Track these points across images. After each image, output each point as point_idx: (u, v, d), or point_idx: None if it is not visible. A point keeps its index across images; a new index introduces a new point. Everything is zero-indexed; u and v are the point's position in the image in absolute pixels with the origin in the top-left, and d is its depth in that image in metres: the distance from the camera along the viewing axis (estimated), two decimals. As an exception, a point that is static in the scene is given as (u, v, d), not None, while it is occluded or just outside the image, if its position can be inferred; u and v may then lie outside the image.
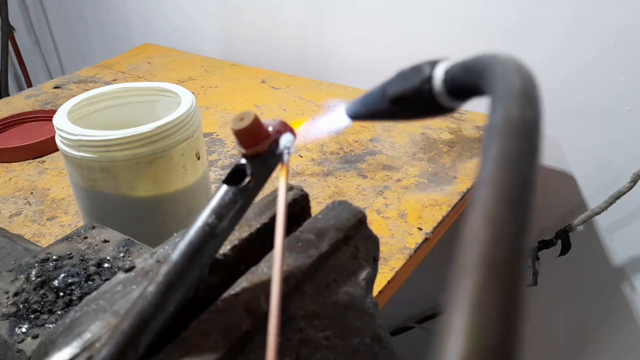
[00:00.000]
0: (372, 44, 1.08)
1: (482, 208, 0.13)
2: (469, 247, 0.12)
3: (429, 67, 0.19)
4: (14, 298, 0.31)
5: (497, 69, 0.16)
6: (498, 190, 0.13)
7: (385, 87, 0.21)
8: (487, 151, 0.14)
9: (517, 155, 0.13)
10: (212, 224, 0.24)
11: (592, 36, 0.85)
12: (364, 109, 0.23)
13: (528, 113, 0.14)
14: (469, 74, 0.18)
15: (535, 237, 1.05)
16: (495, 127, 0.14)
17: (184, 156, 0.57)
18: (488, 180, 0.13)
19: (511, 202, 0.13)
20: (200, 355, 0.22)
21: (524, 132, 0.14)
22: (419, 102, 0.20)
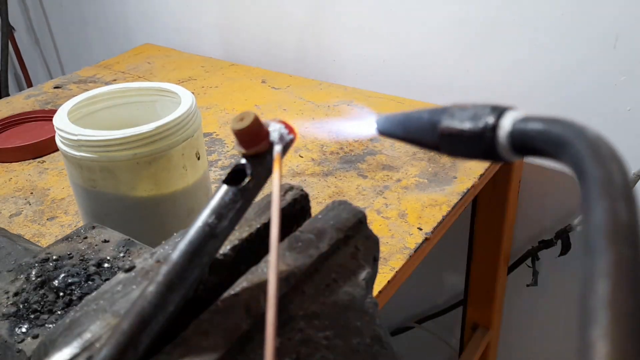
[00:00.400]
0: (372, 44, 1.08)
1: (613, 340, 0.12)
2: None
3: (494, 114, 0.18)
4: (14, 298, 0.31)
5: (587, 151, 0.15)
6: (625, 319, 0.12)
7: (437, 117, 0.20)
8: (598, 260, 0.13)
9: (635, 272, 0.12)
10: (212, 224, 0.24)
11: (592, 36, 0.85)
12: (402, 130, 0.21)
13: (635, 218, 0.14)
14: (545, 139, 0.17)
15: (535, 237, 1.05)
16: (602, 229, 0.13)
17: (184, 156, 0.57)
18: (610, 302, 0.12)
19: (638, 330, 0.12)
20: (200, 355, 0.22)
21: (635, 242, 0.13)
22: (474, 146, 0.19)
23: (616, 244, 0.13)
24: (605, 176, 0.14)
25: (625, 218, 0.13)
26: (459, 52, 0.98)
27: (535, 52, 0.90)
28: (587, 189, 0.14)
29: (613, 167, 0.15)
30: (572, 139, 0.16)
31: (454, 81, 1.01)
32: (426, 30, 1.00)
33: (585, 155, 0.15)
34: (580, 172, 0.15)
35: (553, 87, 0.91)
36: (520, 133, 0.18)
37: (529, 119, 0.18)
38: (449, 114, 0.20)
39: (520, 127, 0.18)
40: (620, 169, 0.15)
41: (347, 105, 1.00)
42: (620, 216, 0.13)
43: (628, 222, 0.13)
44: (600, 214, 0.14)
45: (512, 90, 0.96)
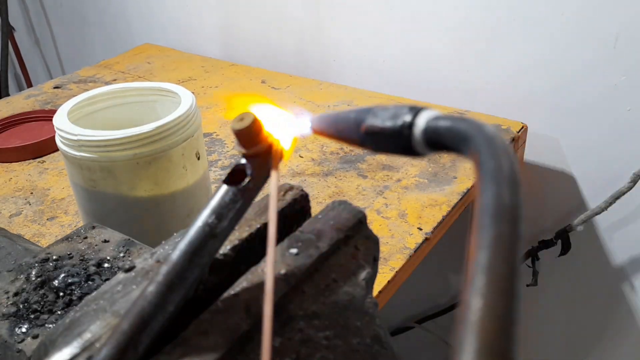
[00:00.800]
0: (372, 44, 1.08)
1: (486, 298, 0.14)
2: (472, 334, 0.13)
3: (411, 113, 0.20)
4: (14, 298, 0.31)
5: (484, 144, 0.18)
6: (499, 282, 0.14)
7: (362, 116, 0.22)
8: (482, 234, 0.15)
9: (511, 245, 0.15)
10: (212, 224, 0.24)
11: (592, 36, 0.85)
12: (333, 129, 0.24)
13: (517, 201, 0.16)
14: (452, 135, 0.19)
15: (535, 237, 1.05)
16: (489, 210, 0.16)
17: (184, 156, 0.57)
18: (488, 268, 0.15)
19: (510, 292, 0.14)
20: (200, 355, 0.22)
21: (515, 220, 0.16)
22: (394, 142, 0.21)
23: (498, 222, 0.16)
24: (496, 166, 0.17)
25: (507, 201, 0.16)
26: (459, 52, 0.98)
27: (535, 52, 0.90)
28: (481, 177, 0.17)
29: (503, 158, 0.17)
30: (473, 134, 0.18)
31: (454, 81, 1.01)
32: (426, 31, 1.00)
33: (482, 149, 0.18)
34: (477, 163, 0.18)
35: (553, 86, 0.91)
36: (432, 130, 0.20)
37: (439, 118, 0.20)
38: (372, 114, 0.22)
39: (432, 125, 0.20)
40: (508, 160, 0.17)
41: (347, 105, 1.00)
42: (503, 199, 0.16)
43: (510, 204, 0.16)
44: (488, 197, 0.16)
45: (512, 90, 0.96)
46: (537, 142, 0.96)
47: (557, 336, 1.13)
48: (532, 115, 0.94)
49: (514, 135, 0.88)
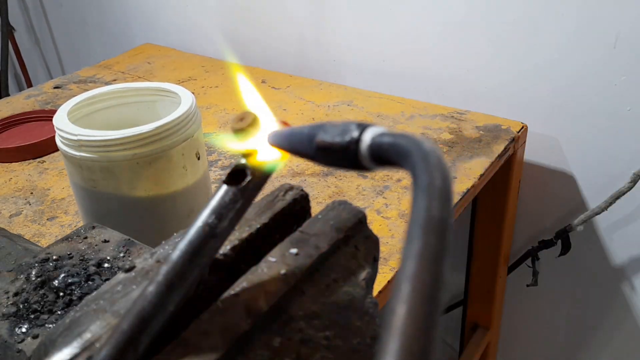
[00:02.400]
0: (372, 44, 1.08)
1: (408, 304, 0.15)
2: (394, 337, 0.15)
3: (358, 130, 0.21)
4: (14, 298, 0.31)
5: (420, 159, 0.19)
6: (422, 290, 0.16)
7: (313, 133, 0.23)
8: (411, 245, 0.17)
9: (437, 255, 0.16)
10: (212, 224, 0.24)
11: (592, 36, 0.85)
12: (287, 144, 0.25)
13: (446, 215, 0.17)
14: (394, 150, 0.20)
15: (535, 237, 1.05)
16: (419, 222, 0.17)
17: (184, 156, 0.57)
18: (413, 277, 0.16)
19: (431, 300, 0.15)
20: (200, 355, 0.22)
21: (442, 232, 0.17)
22: (342, 156, 0.22)
23: (426, 233, 0.17)
24: (429, 180, 0.18)
25: (437, 214, 0.17)
26: (459, 52, 0.98)
27: (535, 52, 0.90)
28: (415, 190, 0.18)
29: (436, 173, 0.18)
30: (411, 150, 0.19)
31: (454, 81, 1.01)
32: (426, 30, 1.00)
33: (417, 164, 0.19)
34: (414, 177, 0.19)
35: (553, 86, 0.91)
36: (377, 146, 0.21)
37: (384, 134, 0.21)
38: (323, 130, 0.23)
39: (377, 141, 0.21)
40: (441, 175, 0.18)
41: (347, 105, 1.00)
42: (433, 212, 0.17)
43: (439, 217, 0.17)
44: (419, 209, 0.17)
45: (512, 90, 0.96)
46: (537, 142, 0.96)
47: (557, 336, 1.13)
48: (532, 115, 0.94)
49: (514, 135, 0.88)
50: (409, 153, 0.19)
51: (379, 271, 0.33)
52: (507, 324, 1.18)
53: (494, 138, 0.87)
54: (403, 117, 0.95)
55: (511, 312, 1.16)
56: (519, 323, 1.17)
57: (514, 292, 1.13)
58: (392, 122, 0.94)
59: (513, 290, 1.13)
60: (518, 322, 1.17)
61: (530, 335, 1.17)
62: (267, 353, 0.23)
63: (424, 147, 0.19)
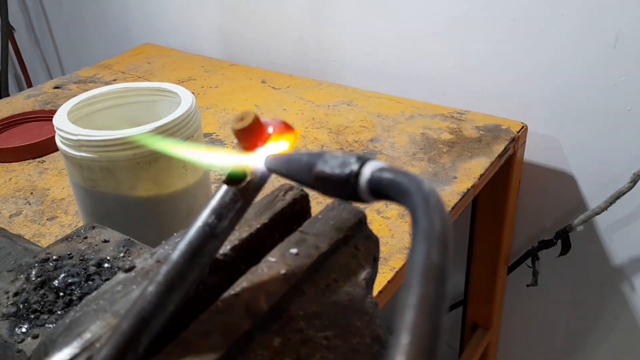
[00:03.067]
0: (372, 44, 1.08)
1: (407, 356, 0.15)
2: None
3: (358, 163, 0.22)
4: (14, 298, 0.31)
5: (420, 201, 0.19)
6: (421, 342, 0.16)
7: (313, 162, 0.23)
8: (410, 293, 0.17)
9: (435, 305, 0.16)
10: (212, 224, 0.24)
11: (592, 36, 0.85)
12: (285, 170, 0.25)
13: (445, 261, 0.17)
14: (393, 187, 0.20)
15: (535, 237, 1.05)
16: (418, 270, 0.17)
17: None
18: (412, 327, 0.16)
19: (430, 351, 0.16)
20: (200, 355, 0.22)
21: (441, 280, 0.17)
22: (341, 188, 0.22)
23: (425, 281, 0.17)
24: (429, 224, 0.18)
25: (436, 260, 0.17)
26: (459, 52, 0.98)
27: (535, 53, 0.90)
28: (414, 233, 0.18)
29: (435, 217, 0.18)
30: (411, 190, 0.19)
31: (454, 81, 1.01)
32: (426, 30, 1.00)
33: (417, 205, 0.19)
34: (413, 219, 0.19)
35: (553, 86, 0.91)
36: (376, 180, 0.21)
37: (384, 170, 0.21)
38: (323, 160, 0.23)
39: (376, 176, 0.21)
40: (441, 218, 0.18)
41: (347, 105, 1.00)
42: (432, 258, 0.17)
43: (438, 264, 0.17)
44: (418, 255, 0.17)
45: (512, 90, 0.96)
46: (537, 142, 0.96)
47: (557, 336, 1.13)
48: (532, 115, 0.94)
49: (514, 135, 0.88)
50: (409, 192, 0.19)
51: (379, 271, 0.33)
52: (507, 324, 1.18)
53: (494, 138, 0.87)
54: (403, 117, 0.95)
55: (511, 312, 1.16)
56: (519, 323, 1.17)
57: (514, 292, 1.13)
58: (392, 122, 0.94)
59: (513, 290, 1.12)
60: (518, 322, 1.17)
61: (530, 335, 1.17)
62: (267, 353, 0.23)
63: (424, 188, 0.19)
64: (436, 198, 0.19)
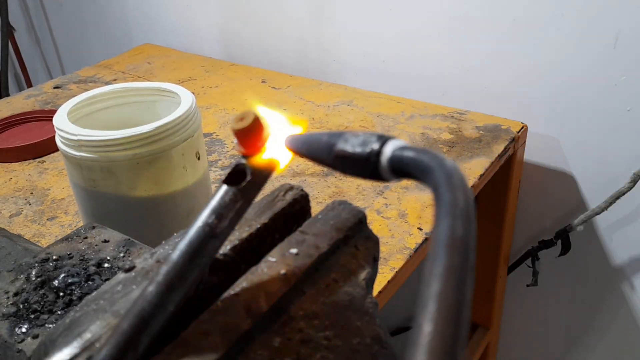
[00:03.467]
0: (372, 44, 1.08)
1: (434, 322, 0.16)
2: (421, 353, 0.15)
3: (379, 142, 0.22)
4: (14, 298, 0.31)
5: (443, 178, 0.19)
6: (448, 308, 0.16)
7: (333, 141, 0.23)
8: (435, 264, 0.17)
9: (461, 275, 0.17)
10: (212, 224, 0.24)
11: (592, 36, 0.85)
12: (305, 149, 0.25)
13: (468, 234, 0.18)
14: (415, 165, 0.21)
15: (535, 237, 1.05)
16: (443, 241, 0.17)
17: (184, 156, 0.57)
18: (439, 296, 0.16)
19: (457, 318, 0.16)
20: (200, 355, 0.22)
21: (466, 251, 0.17)
22: (362, 167, 0.22)
23: (450, 253, 0.17)
24: (452, 200, 0.18)
25: (460, 233, 0.18)
26: (459, 52, 0.98)
27: (535, 53, 0.90)
28: (438, 209, 0.19)
29: (459, 193, 0.19)
30: (434, 167, 0.20)
31: (454, 81, 1.01)
32: (426, 30, 1.00)
33: (440, 182, 0.19)
34: (436, 195, 0.19)
35: (553, 86, 0.91)
36: (397, 159, 0.21)
37: (405, 148, 0.21)
38: (343, 139, 0.23)
39: (397, 154, 0.21)
40: (464, 194, 0.18)
41: (347, 105, 1.00)
42: (456, 231, 0.18)
43: (462, 237, 0.17)
44: (443, 229, 0.18)
45: (512, 90, 0.96)
46: (537, 142, 0.96)
47: (557, 336, 1.13)
48: (532, 115, 0.94)
49: (514, 135, 0.88)
50: (431, 169, 0.20)
51: (379, 271, 0.33)
52: (507, 324, 1.18)
53: (494, 138, 0.87)
54: (403, 117, 0.95)
55: (511, 312, 1.16)
56: (519, 323, 1.17)
57: (514, 292, 1.13)
58: (392, 122, 0.94)
59: (513, 290, 1.12)
60: (518, 322, 1.17)
61: (530, 335, 1.17)
62: (267, 353, 0.23)
63: (447, 165, 0.19)
64: (459, 174, 0.19)
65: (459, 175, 0.19)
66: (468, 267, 0.17)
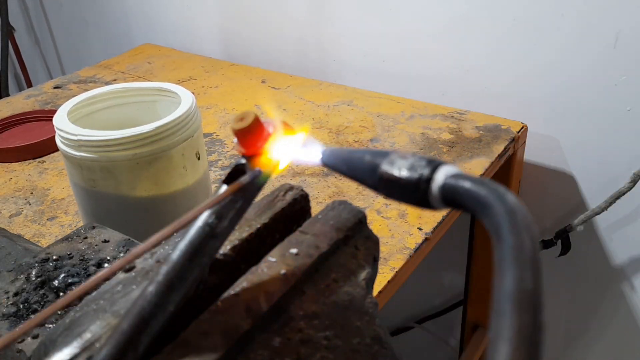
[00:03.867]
0: (372, 44, 1.08)
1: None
2: None
3: (429, 167, 0.20)
4: (14, 298, 0.31)
5: (505, 217, 0.17)
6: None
7: (377, 162, 0.22)
8: (503, 323, 0.15)
9: (533, 338, 0.15)
10: (212, 224, 0.24)
11: (592, 36, 0.85)
12: (344, 167, 0.23)
13: (538, 287, 0.16)
14: (470, 197, 0.19)
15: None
16: (511, 296, 0.15)
17: (184, 156, 0.57)
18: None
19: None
20: (200, 355, 0.22)
21: (536, 309, 0.15)
22: (409, 193, 0.21)
23: (519, 310, 0.15)
24: (517, 244, 0.16)
25: (529, 286, 0.15)
26: (459, 52, 0.98)
27: (535, 53, 0.90)
28: (501, 254, 0.16)
29: (525, 236, 0.16)
30: (493, 202, 0.18)
31: (454, 81, 1.01)
32: (426, 30, 1.00)
33: (502, 221, 0.17)
34: (497, 236, 0.17)
35: (553, 86, 0.91)
36: (450, 188, 0.19)
37: (459, 176, 0.19)
38: (389, 161, 0.21)
39: (451, 183, 0.20)
40: (531, 238, 0.16)
41: (347, 105, 1.00)
42: (525, 284, 0.15)
43: (532, 291, 0.15)
44: (510, 280, 0.16)
45: (512, 90, 0.96)
46: (537, 142, 0.96)
47: (556, 336, 1.13)
48: (532, 115, 0.94)
49: (514, 135, 0.88)
50: (490, 206, 0.18)
51: (379, 271, 0.33)
52: (507, 324, 1.18)
53: (494, 138, 0.87)
54: (403, 117, 0.95)
55: (511, 312, 1.16)
56: (519, 323, 1.17)
57: (514, 292, 1.13)
58: (392, 122, 0.94)
59: (513, 290, 1.12)
60: (518, 322, 1.17)
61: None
62: (267, 353, 0.23)
63: (509, 202, 0.17)
64: (523, 213, 0.17)
65: (523, 214, 0.17)
66: (540, 327, 0.15)
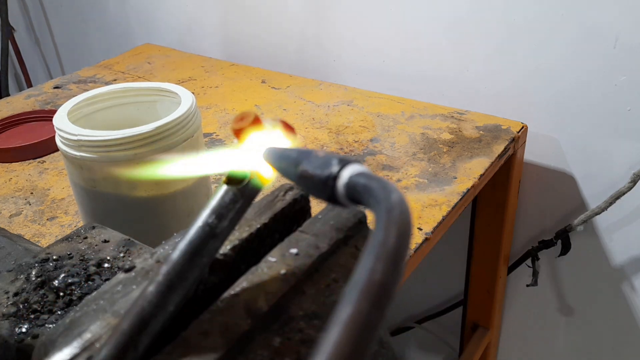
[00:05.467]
0: (372, 44, 1.08)
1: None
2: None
3: (338, 165, 0.21)
4: (14, 298, 0.31)
5: (383, 212, 0.17)
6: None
7: (300, 159, 0.22)
8: (342, 307, 0.15)
9: (365, 326, 0.15)
10: (212, 224, 0.24)
11: (592, 37, 0.85)
12: (277, 163, 0.24)
13: (389, 280, 0.16)
14: (366, 194, 0.19)
15: (535, 237, 1.05)
16: (357, 283, 0.15)
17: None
18: (332, 347, 0.14)
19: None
20: (200, 355, 0.22)
21: (379, 300, 0.15)
22: (320, 189, 0.21)
23: (360, 298, 0.15)
24: (383, 239, 0.16)
25: (379, 278, 0.15)
26: (458, 52, 0.98)
27: (535, 52, 0.90)
28: (367, 246, 0.16)
29: (392, 232, 0.16)
30: (381, 198, 0.18)
31: (454, 81, 1.01)
32: (427, 30, 1.00)
33: (379, 217, 0.17)
34: (375, 229, 0.17)
35: (553, 86, 0.91)
36: (352, 185, 0.20)
37: (361, 174, 0.20)
38: (308, 158, 0.22)
39: (353, 180, 0.20)
40: (399, 234, 0.16)
41: (347, 105, 1.00)
42: (375, 275, 0.15)
43: (380, 282, 0.15)
44: (361, 270, 0.16)
45: (511, 90, 0.96)
46: (537, 142, 0.96)
47: (557, 336, 1.13)
48: (532, 115, 0.94)
49: (514, 135, 0.88)
50: (378, 201, 0.18)
51: (379, 271, 0.33)
52: (507, 324, 1.18)
53: (494, 138, 0.87)
54: (403, 117, 0.95)
55: (511, 312, 1.16)
56: (519, 323, 1.17)
57: (514, 292, 1.13)
58: (392, 122, 0.94)
59: (513, 290, 1.12)
60: (518, 322, 1.17)
61: (530, 335, 1.17)
62: (267, 353, 0.23)
63: (391, 199, 0.18)
64: (401, 210, 0.17)
65: (400, 211, 0.17)
66: (378, 318, 0.15)
